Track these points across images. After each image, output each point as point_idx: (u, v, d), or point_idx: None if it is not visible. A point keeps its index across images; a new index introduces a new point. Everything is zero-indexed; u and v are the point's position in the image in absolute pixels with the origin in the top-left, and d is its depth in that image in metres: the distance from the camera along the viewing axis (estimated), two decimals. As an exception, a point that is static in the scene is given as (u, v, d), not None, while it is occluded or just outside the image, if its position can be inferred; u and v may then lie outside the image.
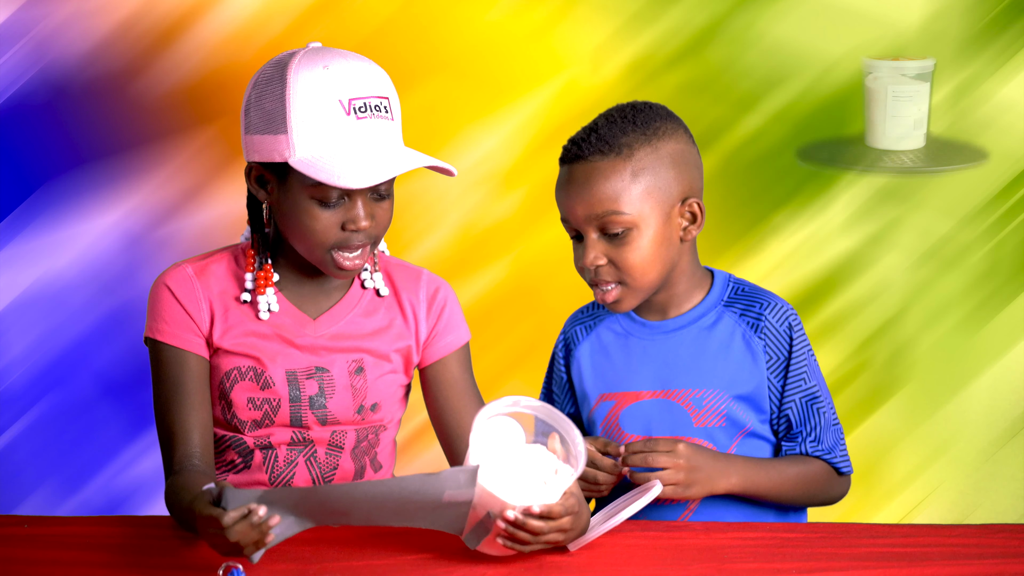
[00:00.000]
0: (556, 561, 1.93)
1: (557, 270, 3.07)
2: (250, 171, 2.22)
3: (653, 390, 2.24)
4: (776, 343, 2.23)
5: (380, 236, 2.22)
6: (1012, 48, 3.05)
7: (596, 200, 2.18)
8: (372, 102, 2.16)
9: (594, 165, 2.19)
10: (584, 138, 2.21)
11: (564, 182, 2.23)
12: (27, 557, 1.95)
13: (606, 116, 2.24)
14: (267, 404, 2.22)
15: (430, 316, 2.30)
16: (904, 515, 3.10)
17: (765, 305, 2.24)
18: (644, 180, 2.18)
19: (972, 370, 3.09)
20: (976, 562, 1.94)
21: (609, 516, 2.03)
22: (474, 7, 3.05)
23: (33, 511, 2.99)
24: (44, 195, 3.02)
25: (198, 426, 2.19)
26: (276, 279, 2.25)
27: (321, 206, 2.15)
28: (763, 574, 1.90)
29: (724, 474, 2.16)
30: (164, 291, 2.24)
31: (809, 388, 2.23)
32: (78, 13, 3.01)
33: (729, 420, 2.21)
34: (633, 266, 2.19)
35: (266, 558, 1.90)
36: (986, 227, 3.07)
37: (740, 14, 3.05)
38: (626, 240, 2.18)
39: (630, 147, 2.18)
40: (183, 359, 2.21)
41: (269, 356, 2.22)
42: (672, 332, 2.26)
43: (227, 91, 3.02)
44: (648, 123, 2.20)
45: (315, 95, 2.14)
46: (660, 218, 2.19)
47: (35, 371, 3.05)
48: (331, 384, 2.23)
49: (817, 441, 2.22)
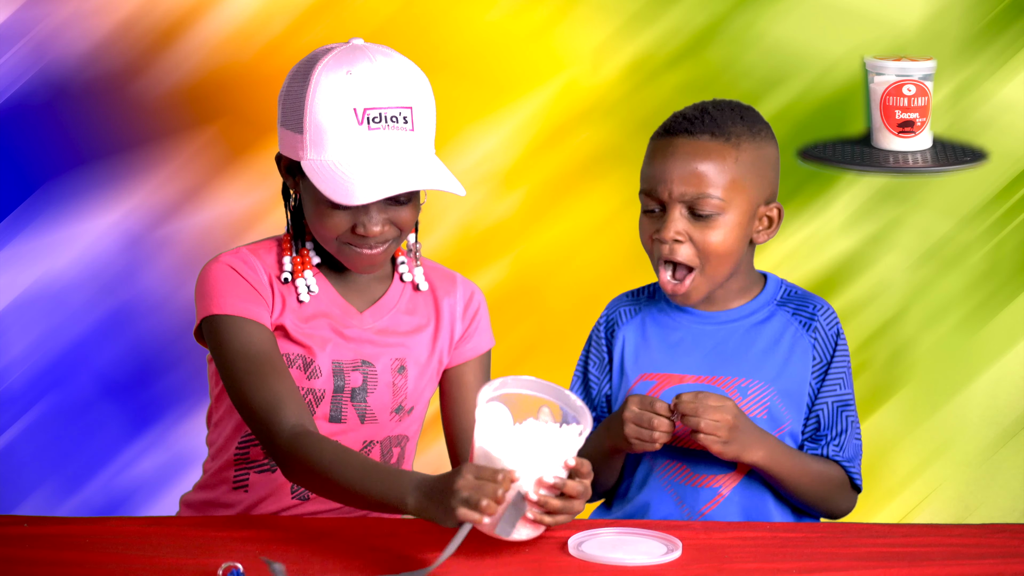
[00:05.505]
0: (556, 561, 1.93)
1: (557, 270, 3.07)
2: (280, 159, 2.23)
3: (698, 375, 2.25)
4: (824, 345, 2.25)
5: (401, 237, 2.19)
6: (1012, 48, 3.05)
7: (697, 177, 2.19)
8: (389, 113, 2.13)
9: (703, 143, 2.20)
10: (697, 116, 2.22)
11: (665, 153, 2.21)
12: (27, 557, 1.95)
13: (714, 103, 2.26)
14: (311, 395, 2.20)
15: (464, 319, 2.31)
16: (904, 515, 3.10)
17: (818, 307, 2.27)
18: (743, 172, 2.20)
19: (972, 370, 3.09)
20: (976, 562, 1.94)
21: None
22: (474, 7, 3.05)
23: (33, 511, 2.99)
24: (44, 195, 3.02)
25: (293, 390, 2.12)
26: (316, 262, 2.24)
27: (332, 207, 2.15)
28: (763, 574, 1.90)
29: (758, 444, 2.16)
30: (224, 269, 2.19)
31: (843, 395, 2.25)
32: (78, 13, 3.01)
33: (771, 414, 2.22)
34: (714, 249, 2.20)
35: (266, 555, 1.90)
36: (986, 227, 3.07)
37: (740, 14, 3.05)
38: (711, 224, 2.19)
39: (739, 137, 2.21)
40: (258, 330, 2.16)
41: (319, 344, 2.21)
42: (723, 323, 2.27)
43: (227, 91, 3.02)
44: (755, 122, 2.25)
45: (331, 101, 2.12)
46: (746, 213, 2.21)
47: (35, 371, 3.05)
48: (374, 379, 2.23)
49: (840, 448, 2.23)
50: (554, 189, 3.06)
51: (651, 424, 2.14)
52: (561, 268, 3.07)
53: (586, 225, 3.06)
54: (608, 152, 3.06)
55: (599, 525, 2.07)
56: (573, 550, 1.96)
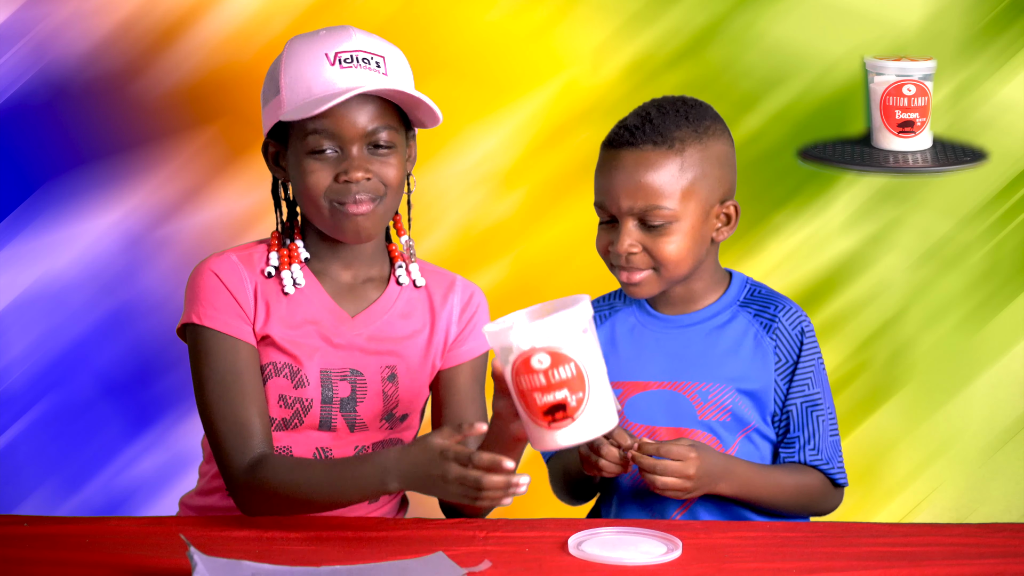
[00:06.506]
0: (556, 561, 1.93)
1: (557, 270, 3.07)
2: (266, 148, 2.24)
3: (660, 381, 2.25)
4: (786, 345, 2.24)
5: (387, 195, 2.19)
6: (1012, 48, 3.05)
7: (643, 190, 2.18)
8: (360, 55, 2.16)
9: (645, 154, 2.18)
10: (638, 126, 2.20)
11: (610, 167, 2.21)
12: (27, 557, 1.94)
13: (657, 106, 2.23)
14: (299, 403, 2.20)
15: (459, 322, 2.30)
16: (904, 515, 3.09)
17: (780, 308, 2.25)
18: (691, 176, 2.19)
19: (972, 370, 3.09)
20: (976, 561, 1.94)
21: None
22: (474, 7, 3.05)
23: (33, 511, 2.98)
24: (44, 195, 3.02)
25: (261, 417, 2.15)
26: (305, 257, 2.24)
27: (316, 159, 2.15)
28: (763, 574, 1.90)
29: (725, 477, 2.16)
30: (210, 277, 2.20)
31: (811, 395, 2.23)
32: (78, 13, 3.01)
33: (734, 416, 2.22)
34: (668, 258, 2.19)
35: (265, 557, 1.90)
36: (986, 227, 3.07)
37: (740, 14, 3.05)
38: (664, 232, 2.19)
39: (682, 141, 2.19)
40: (235, 347, 2.17)
41: (306, 353, 2.20)
42: (686, 327, 2.27)
43: (227, 91, 3.02)
44: (699, 120, 2.21)
45: (303, 53, 2.17)
46: (699, 216, 2.20)
47: (35, 371, 3.05)
48: (363, 388, 2.22)
49: (816, 450, 2.22)
50: (554, 189, 3.06)
51: (599, 465, 2.14)
52: (561, 268, 3.06)
53: (586, 225, 3.04)
54: (608, 152, 3.05)
55: (599, 525, 2.07)
56: (573, 550, 1.96)
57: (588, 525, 2.07)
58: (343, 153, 2.15)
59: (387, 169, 2.18)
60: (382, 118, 2.17)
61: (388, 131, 2.17)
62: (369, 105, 2.16)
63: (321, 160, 2.15)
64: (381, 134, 2.17)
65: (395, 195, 2.20)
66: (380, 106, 2.17)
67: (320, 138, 2.14)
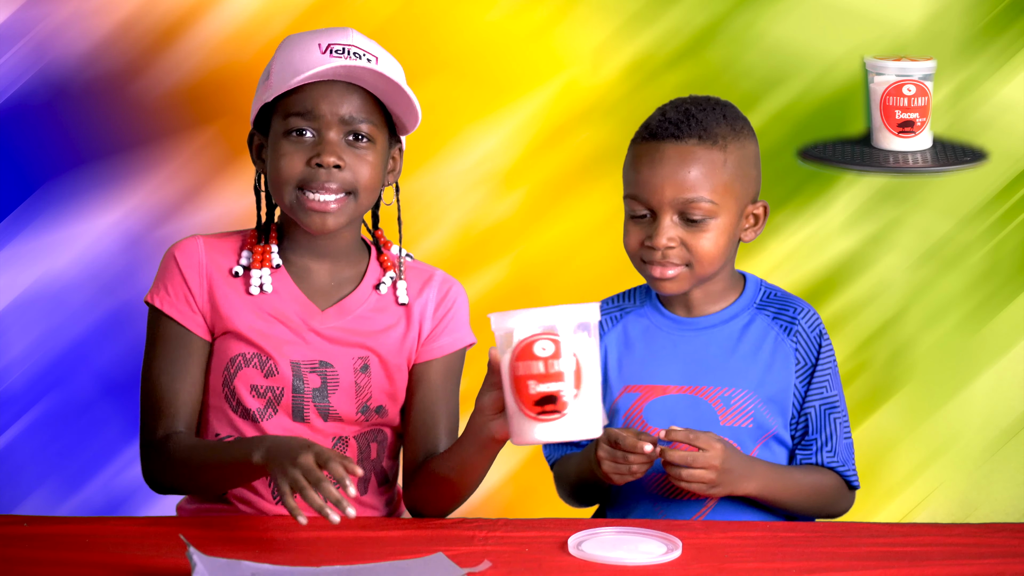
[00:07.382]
0: (556, 561, 1.93)
1: (557, 270, 3.07)
2: (251, 140, 2.24)
3: (681, 385, 2.23)
4: (807, 348, 2.24)
5: (357, 193, 2.18)
6: (1012, 48, 3.05)
7: (688, 183, 2.17)
8: (353, 49, 2.17)
9: (690, 148, 2.18)
10: (683, 120, 2.19)
11: (652, 159, 2.20)
12: (27, 557, 1.94)
13: (695, 103, 2.23)
14: (271, 392, 2.20)
15: (435, 315, 2.29)
16: (904, 515, 3.09)
17: (799, 310, 2.25)
18: (731, 174, 2.19)
19: (972, 370, 3.09)
20: (976, 561, 1.94)
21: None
22: (474, 7, 3.05)
23: (33, 511, 2.98)
24: (44, 195, 3.02)
25: (189, 402, 2.21)
26: (277, 263, 2.24)
27: (292, 142, 2.16)
28: (763, 574, 1.90)
29: (747, 477, 2.15)
30: (170, 260, 2.25)
31: (829, 397, 2.24)
32: (78, 13, 3.01)
33: (756, 422, 2.21)
34: (704, 253, 2.19)
35: (265, 557, 1.90)
36: (986, 227, 3.07)
37: (740, 14, 3.05)
38: (703, 228, 2.18)
39: (724, 139, 2.19)
40: (181, 336, 2.22)
41: (274, 345, 2.21)
42: (704, 330, 2.26)
43: (227, 91, 3.02)
44: (735, 120, 2.23)
45: (297, 42, 2.19)
46: (735, 213, 2.20)
47: (35, 371, 3.05)
48: (335, 379, 2.22)
49: (833, 452, 2.22)
50: (554, 189, 3.06)
51: (626, 460, 2.12)
52: (561, 268, 3.06)
53: (586, 225, 3.05)
54: (608, 152, 3.05)
55: (599, 525, 2.07)
56: (573, 550, 1.96)
57: (588, 525, 2.07)
58: (319, 137, 2.16)
59: (361, 165, 2.17)
60: (364, 110, 2.18)
61: (369, 125, 2.18)
62: (354, 96, 2.17)
63: (297, 144, 2.16)
64: (361, 125, 2.17)
65: (366, 196, 2.20)
66: (364, 99, 2.18)
67: (299, 119, 2.15)
